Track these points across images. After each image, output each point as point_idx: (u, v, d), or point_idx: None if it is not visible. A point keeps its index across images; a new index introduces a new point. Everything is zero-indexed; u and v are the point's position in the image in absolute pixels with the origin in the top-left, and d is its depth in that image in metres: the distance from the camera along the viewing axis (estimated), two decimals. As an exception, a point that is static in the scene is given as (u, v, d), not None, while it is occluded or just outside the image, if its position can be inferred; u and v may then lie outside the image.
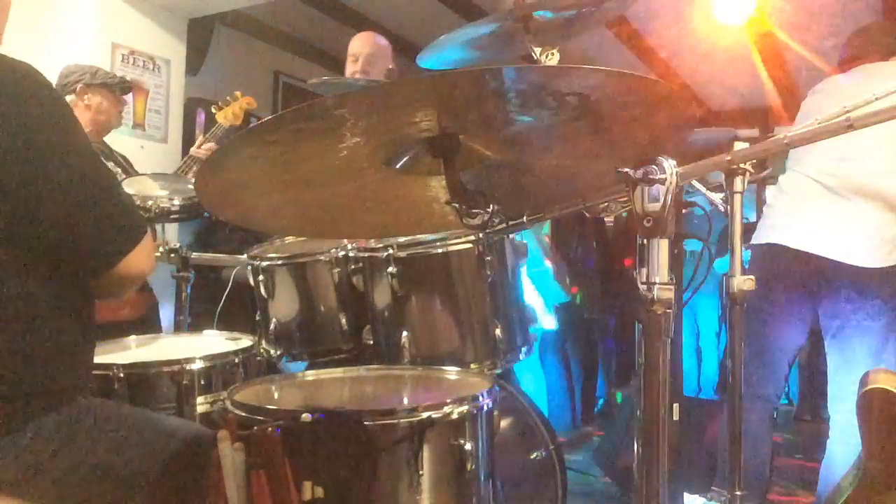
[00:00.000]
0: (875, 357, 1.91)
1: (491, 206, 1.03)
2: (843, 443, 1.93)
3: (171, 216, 2.12)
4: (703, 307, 4.46)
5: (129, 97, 3.11)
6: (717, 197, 1.76)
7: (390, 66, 2.88)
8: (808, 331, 2.13)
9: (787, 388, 2.27)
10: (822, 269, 1.98)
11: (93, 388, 1.26)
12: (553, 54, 1.67)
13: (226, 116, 3.17)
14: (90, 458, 1.13)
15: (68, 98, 2.80)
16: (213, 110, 3.25)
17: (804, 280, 2.05)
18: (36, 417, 1.09)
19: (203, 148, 3.07)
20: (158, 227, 2.52)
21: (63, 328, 1.15)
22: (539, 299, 3.71)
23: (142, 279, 1.23)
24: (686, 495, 2.04)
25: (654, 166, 0.87)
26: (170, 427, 1.26)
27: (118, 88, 2.91)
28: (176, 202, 2.08)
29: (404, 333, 1.71)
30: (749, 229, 2.27)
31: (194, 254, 2.32)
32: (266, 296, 1.94)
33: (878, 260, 1.93)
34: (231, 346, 1.77)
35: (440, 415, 1.19)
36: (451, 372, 1.56)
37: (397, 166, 1.09)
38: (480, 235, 1.66)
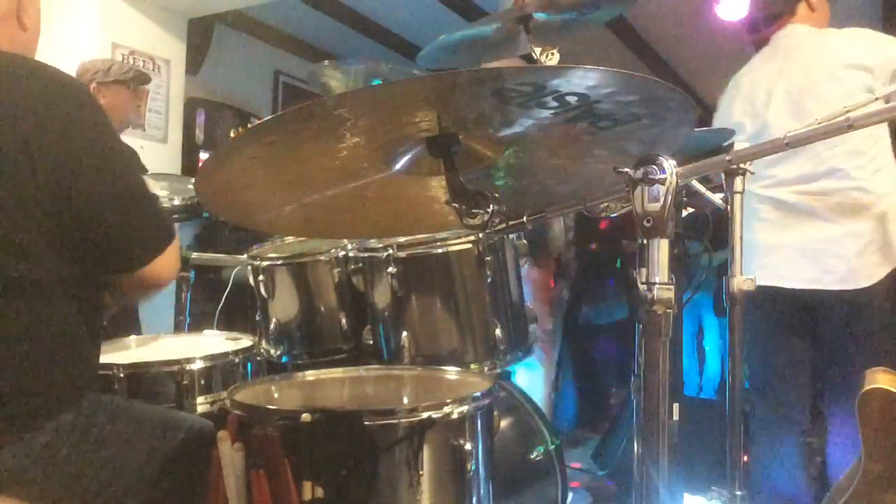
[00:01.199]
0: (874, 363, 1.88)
1: (491, 206, 1.03)
2: (841, 447, 1.90)
3: (172, 216, 2.12)
4: (707, 306, 4.41)
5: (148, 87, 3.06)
6: (718, 197, 1.76)
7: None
8: (812, 350, 2.07)
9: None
10: (817, 300, 1.93)
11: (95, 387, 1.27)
12: (553, 54, 1.67)
13: None
14: (102, 453, 1.14)
15: None
16: (232, 134, 3.26)
17: (801, 315, 1.99)
18: (55, 414, 1.10)
19: None
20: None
21: (77, 326, 1.16)
22: None
23: (163, 286, 1.26)
24: (686, 495, 2.04)
25: (654, 166, 0.87)
26: (174, 419, 1.28)
27: (133, 83, 2.87)
28: (176, 202, 2.08)
29: (404, 333, 1.71)
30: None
31: (194, 254, 2.32)
32: (266, 296, 1.94)
33: (866, 279, 1.89)
34: (231, 346, 1.77)
35: (440, 415, 1.19)
36: (451, 372, 1.56)
37: (397, 166, 1.09)
38: (480, 235, 1.66)
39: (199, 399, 1.57)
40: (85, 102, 1.15)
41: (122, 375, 1.49)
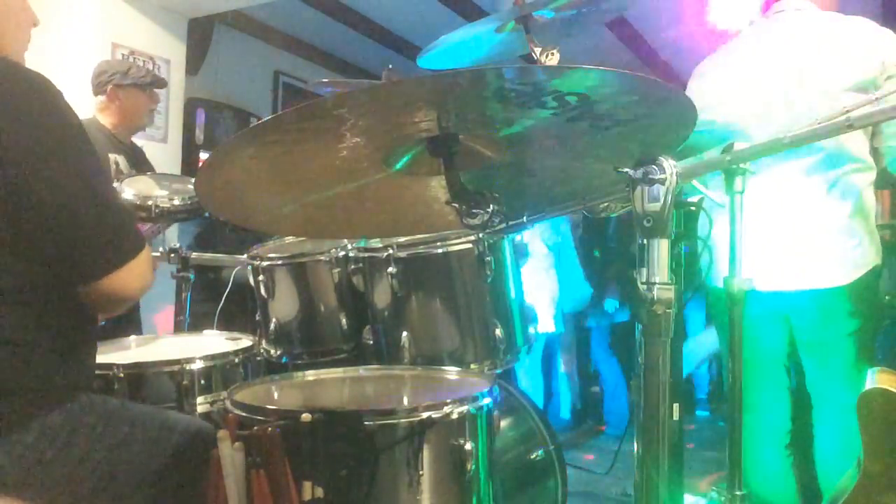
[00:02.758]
0: (857, 366, 1.84)
1: (491, 206, 1.03)
2: (830, 452, 1.87)
3: (171, 216, 2.12)
4: (690, 310, 4.29)
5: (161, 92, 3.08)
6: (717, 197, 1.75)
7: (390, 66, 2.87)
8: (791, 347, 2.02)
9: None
10: (791, 302, 1.87)
11: (93, 387, 1.27)
12: (553, 54, 1.66)
13: None
14: (93, 455, 1.13)
15: (99, 98, 2.81)
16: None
17: (779, 319, 1.92)
18: (41, 415, 1.09)
19: None
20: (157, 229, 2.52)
21: (65, 324, 1.15)
22: (547, 300, 3.71)
23: (130, 300, 1.20)
24: (686, 495, 2.03)
25: (654, 166, 0.87)
26: (171, 421, 1.27)
27: (149, 87, 2.90)
28: (176, 202, 2.08)
29: (404, 333, 1.71)
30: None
31: (194, 254, 2.32)
32: (266, 296, 1.94)
33: (843, 277, 1.81)
34: (231, 346, 1.77)
35: (440, 415, 1.19)
36: (451, 372, 1.56)
37: (397, 166, 1.09)
38: (480, 235, 1.66)
39: (199, 399, 1.57)
40: (53, 101, 1.11)
41: (122, 375, 1.49)
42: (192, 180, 2.25)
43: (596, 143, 1.03)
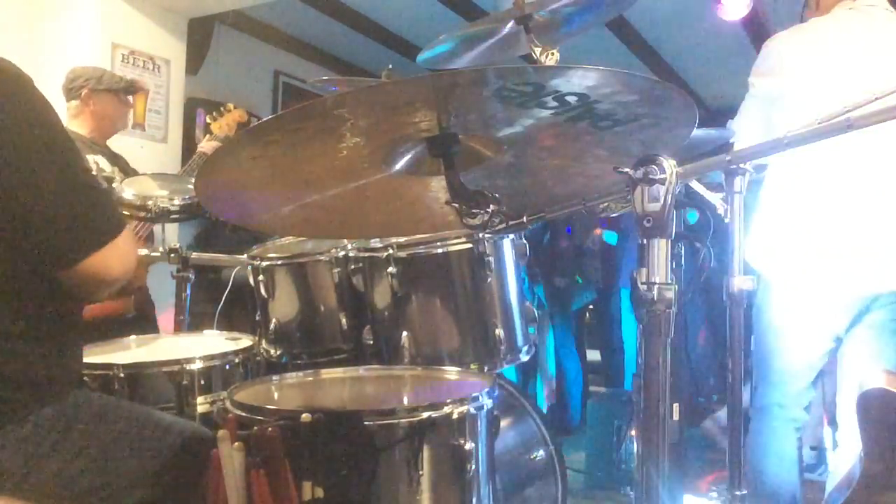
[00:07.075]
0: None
1: (491, 206, 1.03)
2: (852, 451, 1.86)
3: (171, 216, 2.13)
4: (687, 308, 4.24)
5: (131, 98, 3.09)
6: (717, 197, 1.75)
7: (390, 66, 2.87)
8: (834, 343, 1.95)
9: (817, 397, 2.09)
10: (859, 299, 1.84)
11: (92, 386, 1.26)
12: (553, 54, 1.66)
13: (220, 127, 3.19)
14: (88, 451, 1.13)
15: (73, 103, 2.80)
16: (208, 120, 3.27)
17: (836, 316, 1.88)
18: (36, 408, 1.09)
19: (209, 144, 3.07)
20: (158, 227, 2.52)
21: (52, 315, 1.15)
22: None
23: (113, 283, 1.16)
24: (686, 495, 2.03)
25: (654, 166, 0.87)
26: (168, 424, 1.27)
27: (123, 92, 2.90)
28: (176, 202, 2.08)
29: (404, 333, 1.71)
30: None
31: (194, 254, 2.32)
32: (266, 296, 1.94)
33: None
34: (231, 346, 1.77)
35: (440, 415, 1.19)
36: (451, 372, 1.56)
37: (397, 166, 1.09)
38: (480, 235, 1.66)
39: (199, 399, 1.57)
40: (20, 85, 1.09)
41: (122, 375, 1.49)
42: (192, 180, 2.25)
43: (596, 143, 1.03)
